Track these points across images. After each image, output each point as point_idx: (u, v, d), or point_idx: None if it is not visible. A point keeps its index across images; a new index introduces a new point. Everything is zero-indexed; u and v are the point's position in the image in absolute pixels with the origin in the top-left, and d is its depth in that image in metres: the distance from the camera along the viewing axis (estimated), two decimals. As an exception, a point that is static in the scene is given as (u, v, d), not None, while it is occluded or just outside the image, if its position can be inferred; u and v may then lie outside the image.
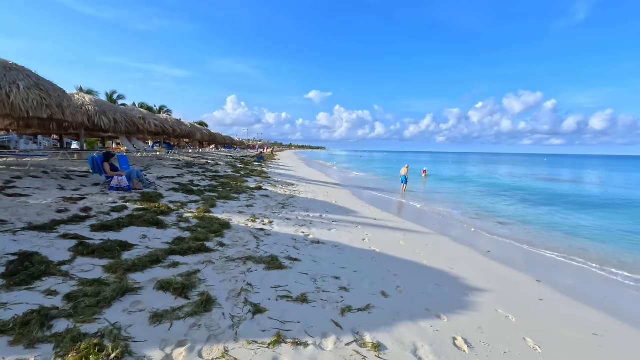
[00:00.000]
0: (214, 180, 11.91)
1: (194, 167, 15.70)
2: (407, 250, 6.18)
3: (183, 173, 12.78)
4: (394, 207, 12.74)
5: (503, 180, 29.40)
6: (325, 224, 7.31)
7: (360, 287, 4.02)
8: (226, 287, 3.46)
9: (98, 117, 12.90)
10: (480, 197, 17.05)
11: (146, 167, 13.19)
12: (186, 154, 24.51)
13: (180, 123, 23.54)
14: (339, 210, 9.54)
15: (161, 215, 5.95)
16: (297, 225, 6.84)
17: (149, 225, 5.22)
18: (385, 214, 10.06)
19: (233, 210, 7.44)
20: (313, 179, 19.30)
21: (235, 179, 13.32)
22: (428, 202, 14.33)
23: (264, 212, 7.61)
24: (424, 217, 10.86)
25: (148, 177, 10.01)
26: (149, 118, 17.58)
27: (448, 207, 13.19)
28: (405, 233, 7.64)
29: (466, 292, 4.39)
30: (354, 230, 7.12)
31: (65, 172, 9.04)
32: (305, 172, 25.53)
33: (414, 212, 11.67)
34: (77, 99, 12.99)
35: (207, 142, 44.93)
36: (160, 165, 14.69)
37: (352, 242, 6.15)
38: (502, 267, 6.11)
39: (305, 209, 8.72)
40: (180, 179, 11.03)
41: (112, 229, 4.79)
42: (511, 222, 10.88)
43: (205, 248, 4.48)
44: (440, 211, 12.13)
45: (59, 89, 9.25)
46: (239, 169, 18.12)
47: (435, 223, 9.92)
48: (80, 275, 3.27)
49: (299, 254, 4.97)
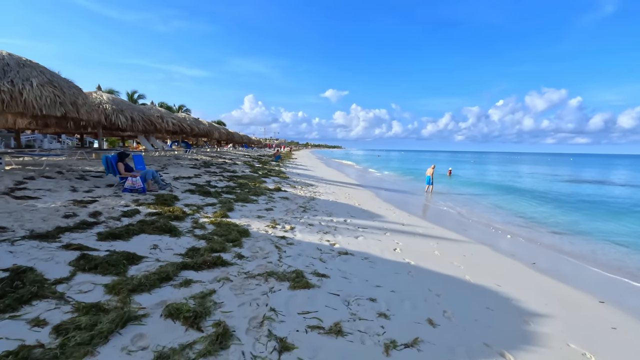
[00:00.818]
0: (231, 180, 11.49)
1: (211, 167, 15.38)
2: (444, 262, 5.52)
3: (200, 173, 12.42)
4: (421, 210, 12.01)
5: (532, 181, 27.99)
6: (351, 231, 6.71)
7: (402, 312, 3.41)
8: (246, 314, 2.92)
9: (115, 115, 12.69)
10: (512, 200, 16.05)
11: (163, 167, 12.92)
12: (204, 153, 24.36)
13: (198, 122, 23.37)
14: (364, 214, 8.92)
15: (175, 221, 5.50)
16: (321, 232, 6.27)
17: (161, 233, 4.75)
18: (413, 218, 9.37)
19: (252, 214, 6.94)
20: (332, 180, 18.70)
21: (253, 179, 12.88)
22: (456, 204, 13.51)
23: (284, 217, 7.08)
24: (454, 221, 10.11)
25: (164, 178, 9.66)
26: (166, 117, 17.39)
27: (479, 211, 12.36)
28: (438, 241, 6.96)
29: (526, 319, 3.72)
30: (382, 238, 6.50)
31: (81, 173, 8.77)
32: (324, 172, 24.97)
33: (442, 216, 10.92)
34: (94, 97, 12.85)
35: (225, 141, 45.00)
36: (178, 165, 14.42)
37: (383, 252, 5.53)
38: (555, 283, 5.37)
39: (328, 213, 8.15)
40: (197, 180, 10.65)
41: (121, 237, 4.34)
42: (551, 228, 9.99)
43: (222, 261, 3.96)
44: (470, 215, 11.32)
45: (75, 86, 8.99)
46: (256, 169, 17.72)
47: (467, 229, 9.17)
48: (77, 297, 2.80)
49: (327, 268, 4.39)
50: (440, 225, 9.21)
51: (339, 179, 20.02)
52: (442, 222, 9.64)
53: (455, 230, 8.73)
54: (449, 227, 9.08)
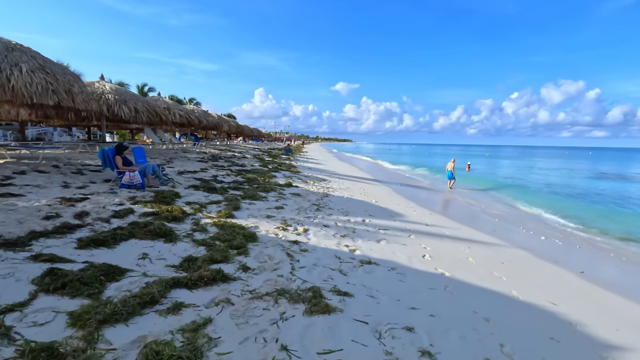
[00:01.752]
0: (239, 175, 10.82)
1: (219, 161, 14.76)
2: (482, 272, 4.73)
3: (207, 167, 11.79)
4: (444, 207, 11.17)
5: (557, 175, 26.70)
6: (372, 233, 5.95)
7: (449, 347, 2.66)
8: (249, 356, 2.21)
9: (118, 106, 12.07)
10: (539, 196, 15.02)
11: (169, 160, 12.33)
12: (213, 147, 23.81)
13: (207, 114, 22.78)
14: (382, 212, 8.14)
15: (173, 222, 4.83)
16: (338, 234, 5.53)
17: (154, 238, 4.08)
18: (437, 217, 8.56)
19: (260, 213, 6.24)
20: (346, 174, 17.91)
21: (262, 173, 12.20)
22: (479, 201, 12.60)
23: (296, 217, 6.36)
24: (481, 220, 9.25)
25: (166, 172, 9.03)
26: (173, 108, 16.78)
27: (504, 208, 11.45)
28: (469, 245, 6.16)
29: (603, 356, 2.93)
30: (407, 242, 5.73)
31: (79, 166, 8.21)
32: (336, 165, 24.18)
33: (467, 214, 10.07)
34: (96, 87, 12.27)
35: (235, 134, 44.51)
36: (185, 159, 13.83)
37: (411, 260, 4.76)
38: (615, 297, 4.55)
39: (344, 212, 7.40)
40: (203, 174, 10.01)
41: (105, 244, 3.68)
42: (586, 227, 9.05)
43: (223, 276, 3.25)
44: (496, 213, 10.42)
45: (71, 73, 8.37)
46: (266, 163, 17.05)
47: (496, 229, 8.32)
48: (29, 333, 2.13)
49: (349, 282, 3.65)
50: (467, 224, 8.39)
51: (352, 173, 19.22)
52: (468, 221, 8.81)
53: (484, 230, 7.91)
54: (477, 226, 8.26)
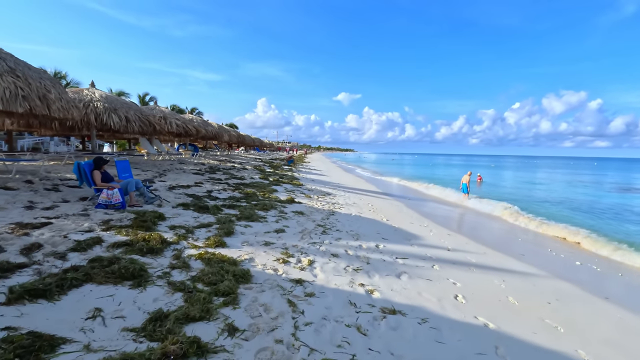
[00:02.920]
0: (237, 190, 9.92)
1: (217, 173, 13.89)
2: (532, 320, 3.78)
3: (202, 181, 10.91)
4: (461, 225, 10.19)
5: (573, 188, 25.64)
6: (389, 264, 5.01)
7: None
8: None
9: (107, 115, 11.26)
10: (558, 209, 14.01)
11: (162, 173, 11.47)
12: (213, 157, 23.00)
13: (207, 124, 22.03)
14: (397, 235, 7.20)
15: (148, 255, 3.92)
16: (351, 267, 4.59)
17: (118, 281, 3.17)
18: (457, 239, 7.61)
19: (257, 239, 5.31)
20: (351, 186, 16.99)
21: (262, 187, 11.30)
22: (497, 217, 11.62)
23: (299, 243, 5.43)
24: (505, 240, 8.29)
25: (156, 188, 8.15)
26: (170, 117, 16.02)
27: (524, 224, 10.44)
28: (502, 277, 5.21)
29: None
30: (432, 275, 4.78)
31: (56, 182, 7.34)
32: (340, 177, 23.27)
33: (488, 233, 9.10)
34: (85, 95, 11.51)
35: (236, 144, 43.82)
36: (180, 171, 12.97)
37: (443, 305, 3.82)
38: None
39: (354, 235, 6.47)
40: (197, 190, 9.12)
41: (47, 295, 2.76)
42: (618, 248, 8.04)
43: (199, 348, 2.33)
44: (518, 232, 9.44)
45: (49, 78, 7.55)
46: (267, 175, 16.16)
47: (524, 251, 7.37)
48: None
49: (371, 350, 2.71)
50: (491, 246, 7.44)
51: (357, 185, 18.30)
52: (491, 242, 7.86)
53: (511, 254, 6.97)
54: (502, 249, 7.31)
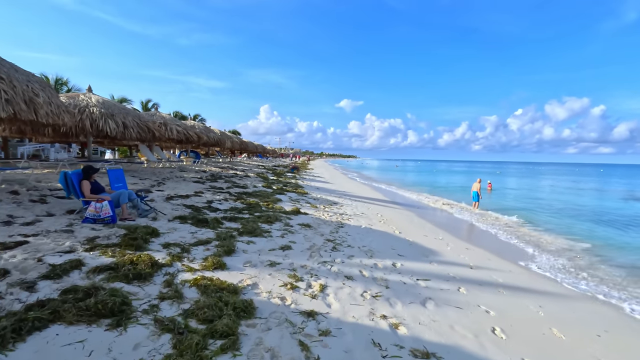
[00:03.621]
0: (239, 200, 9.36)
1: (218, 181, 13.35)
2: (581, 357, 3.18)
3: (203, 190, 10.36)
4: (479, 237, 9.52)
5: (582, 194, 24.87)
6: (410, 287, 4.41)
7: None
8: None
9: (104, 120, 10.78)
10: (577, 220, 13.32)
11: (160, 182, 10.94)
12: (215, 164, 22.51)
13: (209, 130, 21.57)
14: (412, 250, 6.61)
15: (135, 282, 3.35)
16: (368, 294, 3.99)
17: (92, 320, 2.60)
18: (477, 253, 7.01)
19: (260, 258, 4.73)
20: (357, 194, 16.40)
21: (266, 196, 10.74)
22: (514, 227, 10.96)
23: (308, 262, 4.84)
24: (529, 255, 7.61)
25: (152, 198, 7.61)
26: (170, 124, 15.54)
27: (545, 235, 9.78)
28: (538, 300, 4.63)
29: None
30: (461, 301, 4.17)
31: (45, 192, 6.82)
32: (345, 184, 22.68)
33: (509, 246, 8.45)
34: (80, 100, 11.05)
35: (239, 151, 43.41)
36: (180, 179, 12.45)
37: (482, 343, 3.21)
38: None
39: (367, 252, 5.87)
40: (197, 200, 8.56)
41: (-3, 343, 2.20)
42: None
43: None
44: (542, 244, 8.78)
45: (39, 80, 7.05)
46: (270, 183, 15.61)
47: (550, 268, 6.76)
48: None
49: (410, 418, 2.11)
50: (515, 261, 6.86)
51: (363, 193, 17.70)
52: (515, 257, 7.27)
53: (538, 271, 6.39)
54: (527, 265, 6.72)
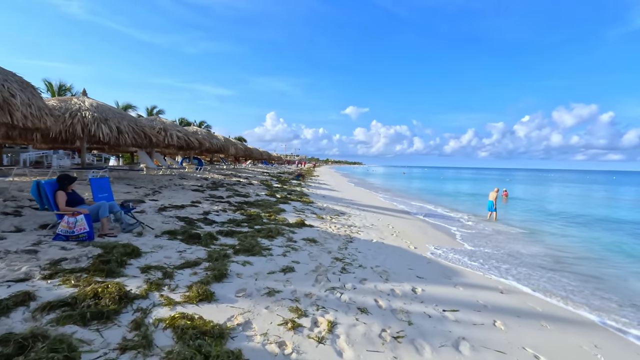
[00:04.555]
0: (239, 210, 8.65)
1: (219, 189, 12.69)
2: None
3: (201, 199, 9.68)
4: (502, 254, 8.65)
5: (608, 203, 23.59)
6: (438, 323, 3.62)
7: None
8: None
9: (96, 125, 10.19)
10: (610, 234, 12.33)
11: (157, 190, 10.29)
12: (218, 171, 21.90)
13: (212, 136, 21.02)
14: (431, 269, 5.81)
15: (93, 325, 2.63)
16: (389, 334, 3.21)
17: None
18: (507, 273, 6.17)
19: (257, 285, 3.98)
20: (365, 203, 15.61)
21: (269, 206, 10.03)
22: (541, 242, 10.01)
23: (314, 289, 4.08)
24: (566, 279, 6.74)
25: (143, 209, 6.93)
26: (171, 129, 14.98)
27: (579, 250, 8.85)
28: (589, 335, 3.83)
29: None
30: (501, 342, 3.38)
31: (23, 203, 6.17)
32: (352, 192, 21.89)
33: (540, 266, 7.55)
34: (73, 103, 10.51)
35: (243, 158, 42.91)
36: (179, 187, 11.80)
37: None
38: None
39: (381, 273, 5.09)
40: (193, 211, 7.87)
41: None
42: None
43: None
44: (572, 264, 7.88)
45: (19, 80, 6.43)
46: (274, 191, 14.91)
47: (590, 295, 5.89)
48: None
49: None
50: (553, 288, 6.00)
51: (371, 202, 16.90)
52: (550, 282, 6.37)
53: (577, 297, 5.55)
54: (562, 288, 5.88)
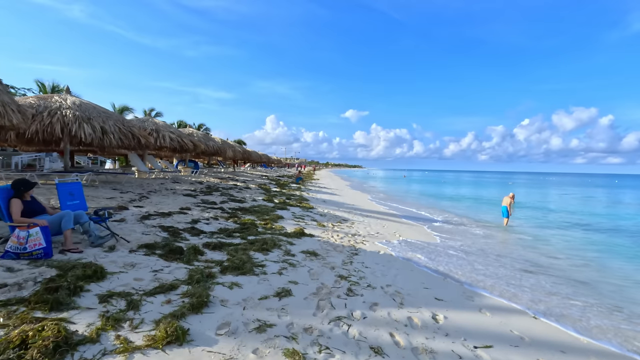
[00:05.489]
0: (232, 218, 7.89)
1: (214, 194, 11.92)
2: None
3: (192, 205, 8.92)
4: (523, 264, 7.85)
5: (620, 208, 22.75)
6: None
7: None
8: None
9: (77, 124, 9.44)
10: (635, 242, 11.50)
11: (144, 196, 9.53)
12: (215, 175, 21.15)
13: (208, 138, 20.28)
14: (449, 287, 5.05)
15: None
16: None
17: None
18: (534, 287, 5.39)
19: (246, 317, 3.20)
20: (367, 208, 14.83)
21: (265, 212, 9.27)
22: (561, 251, 9.20)
23: (314, 322, 3.31)
24: (607, 294, 5.96)
25: (123, 218, 6.16)
26: (163, 131, 14.25)
27: (606, 259, 8.04)
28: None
29: None
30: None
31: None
32: (353, 197, 21.11)
33: (557, 281, 6.78)
34: (53, 101, 9.76)
35: (242, 161, 42.16)
36: (169, 192, 11.04)
37: None
38: None
39: (394, 295, 4.32)
40: (180, 219, 7.11)
41: None
42: None
43: None
44: (611, 281, 7.08)
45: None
46: (272, 195, 14.14)
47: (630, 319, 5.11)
48: None
49: None
50: (590, 306, 5.22)
51: (374, 207, 16.11)
52: (579, 296, 5.59)
53: (629, 324, 4.76)
54: (610, 312, 5.10)
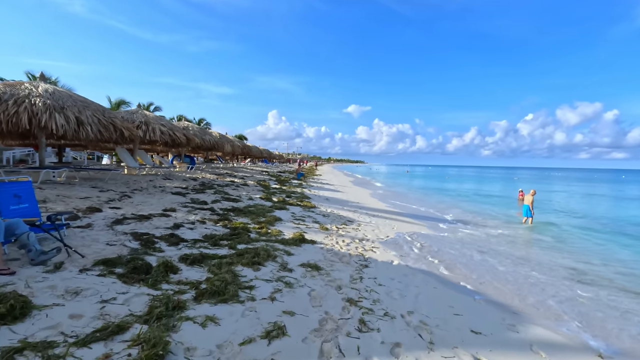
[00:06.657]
0: (222, 221, 6.91)
1: (207, 192, 10.95)
2: None
3: (178, 206, 7.94)
4: (563, 274, 6.82)
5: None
6: None
7: None
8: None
9: (48, 114, 8.40)
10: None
11: (126, 195, 8.55)
12: (212, 171, 20.17)
13: (204, 132, 19.27)
14: (483, 311, 4.06)
15: None
16: None
17: None
18: (582, 301, 4.39)
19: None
20: (373, 207, 13.83)
21: (261, 213, 8.29)
22: (595, 256, 8.14)
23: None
24: None
25: (89, 224, 5.17)
26: (153, 123, 13.25)
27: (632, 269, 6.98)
28: None
29: None
30: None
31: None
32: (357, 193, 20.08)
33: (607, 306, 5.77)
34: (22, 89, 8.70)
35: (242, 156, 41.16)
36: (157, 190, 10.06)
37: None
38: None
39: (419, 329, 3.33)
40: (159, 223, 6.12)
41: None
42: None
43: None
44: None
45: None
46: (271, 193, 13.15)
47: None
48: None
49: None
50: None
51: (380, 205, 15.10)
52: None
53: None
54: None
